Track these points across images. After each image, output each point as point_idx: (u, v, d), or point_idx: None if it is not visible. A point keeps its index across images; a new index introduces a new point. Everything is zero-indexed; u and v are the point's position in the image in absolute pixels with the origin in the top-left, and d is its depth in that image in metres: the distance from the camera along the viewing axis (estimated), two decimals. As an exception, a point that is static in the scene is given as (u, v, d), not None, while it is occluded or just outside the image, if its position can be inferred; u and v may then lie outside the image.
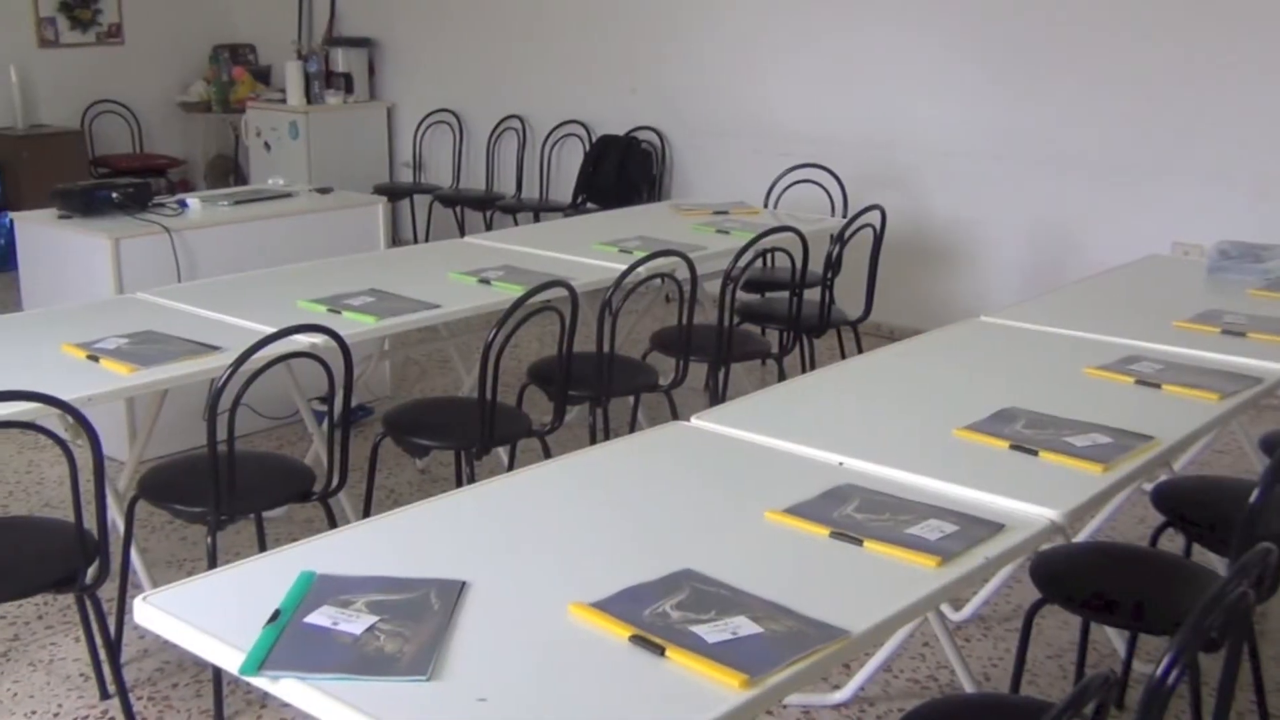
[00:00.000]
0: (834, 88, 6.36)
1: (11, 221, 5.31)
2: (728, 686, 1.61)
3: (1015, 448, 2.46)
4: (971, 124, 5.97)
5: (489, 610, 1.82)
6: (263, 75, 8.74)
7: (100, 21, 8.38)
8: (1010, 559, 2.07)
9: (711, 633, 1.73)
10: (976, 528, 2.10)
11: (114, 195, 4.57)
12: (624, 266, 3.94)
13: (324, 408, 4.39)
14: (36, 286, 4.67)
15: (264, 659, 1.66)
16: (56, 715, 3.01)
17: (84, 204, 4.55)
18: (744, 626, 1.75)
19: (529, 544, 2.06)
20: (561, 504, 2.24)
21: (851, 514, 2.15)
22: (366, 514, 3.68)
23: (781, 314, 4.72)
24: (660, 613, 1.79)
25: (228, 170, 8.71)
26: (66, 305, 3.93)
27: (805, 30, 6.41)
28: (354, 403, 3.38)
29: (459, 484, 3.97)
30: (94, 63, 8.37)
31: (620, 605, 1.80)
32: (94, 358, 3.05)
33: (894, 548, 2.01)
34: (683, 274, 4.11)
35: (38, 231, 4.63)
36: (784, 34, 6.49)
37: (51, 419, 2.64)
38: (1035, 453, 2.44)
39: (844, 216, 5.43)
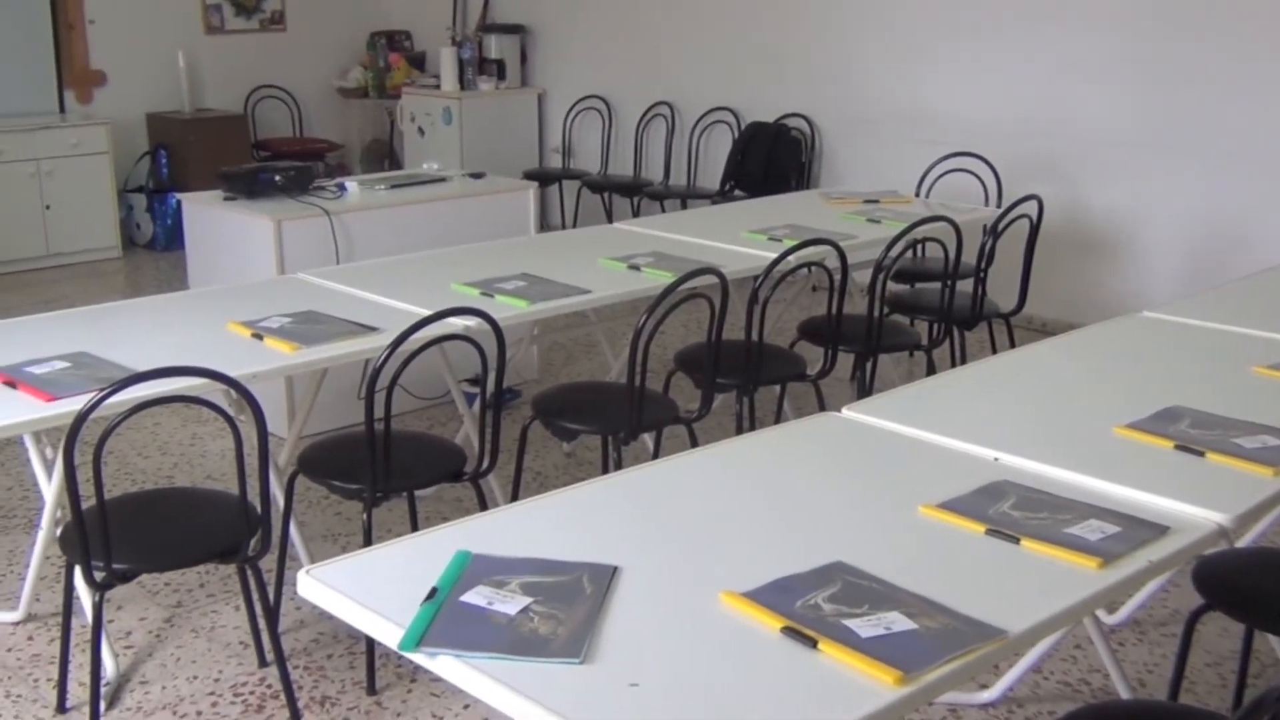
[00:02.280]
0: (988, 74, 6.23)
1: (179, 202, 5.50)
2: (881, 683, 1.60)
3: (1180, 448, 2.39)
4: (1131, 112, 5.79)
5: (640, 596, 1.83)
6: (418, 62, 8.89)
7: (264, 9, 8.63)
8: (1175, 563, 2.01)
9: (865, 627, 1.71)
10: (1139, 529, 2.04)
11: (277, 178, 4.70)
12: (773, 255, 3.92)
13: (474, 389, 4.47)
14: (202, 265, 4.84)
15: (422, 636, 1.69)
16: (217, 681, 3.12)
17: (248, 186, 4.69)
18: (898, 622, 1.73)
19: (679, 531, 2.07)
20: (712, 492, 2.24)
21: (1008, 511, 2.11)
22: (515, 496, 3.73)
23: (932, 305, 4.64)
24: (812, 605, 1.78)
25: (383, 155, 8.90)
26: (232, 285, 4.06)
27: (959, 15, 6.29)
28: (504, 385, 3.42)
29: (605, 469, 3.99)
30: (257, 49, 8.62)
31: (772, 596, 1.80)
32: (258, 336, 3.14)
33: (1053, 547, 1.96)
34: (832, 263, 4.07)
35: (204, 212, 4.79)
36: (937, 19, 6.38)
37: (216, 394, 2.73)
38: (1201, 454, 2.36)
39: (998, 206, 5.32)
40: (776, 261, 3.80)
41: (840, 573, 1.88)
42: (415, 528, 3.53)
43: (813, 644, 1.67)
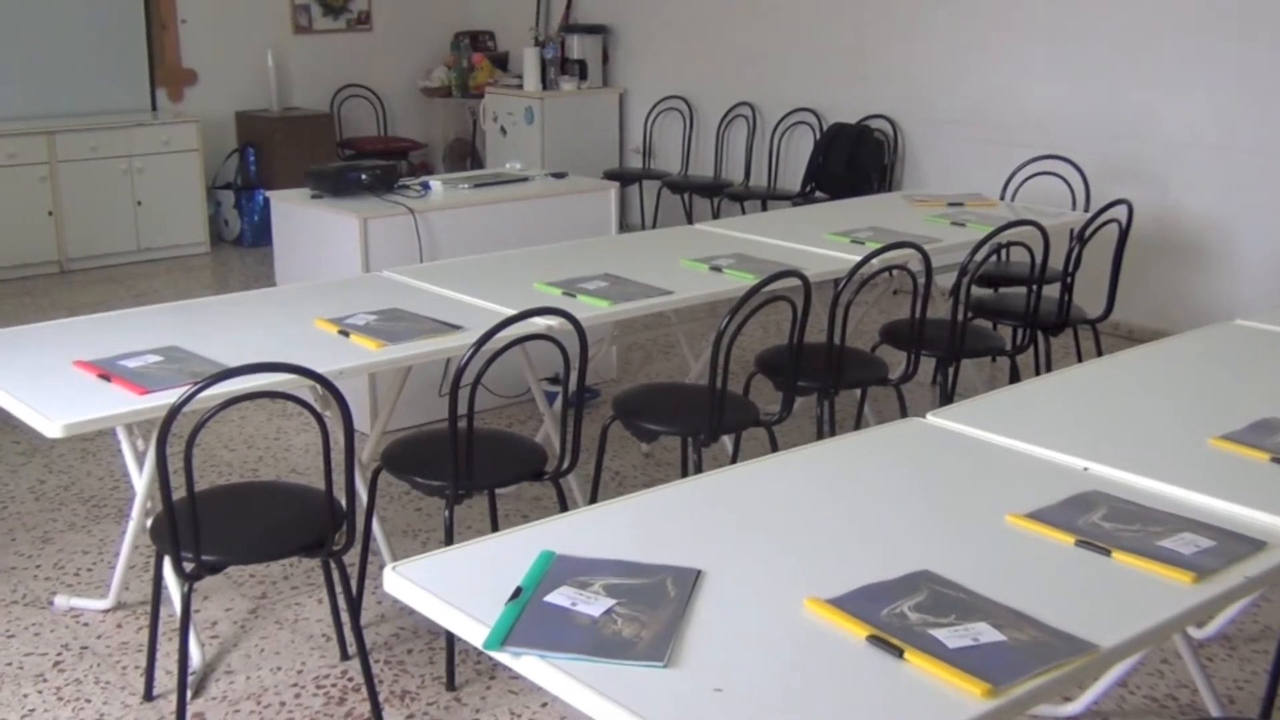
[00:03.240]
0: (1075, 76, 6.13)
1: (266, 199, 5.58)
2: (969, 695, 1.58)
3: (1277, 460, 2.33)
4: (1222, 116, 5.67)
5: (724, 600, 1.82)
6: (501, 62, 8.95)
7: (351, 9, 8.73)
8: (1272, 580, 1.96)
9: (952, 638, 1.69)
10: (1235, 544, 1.99)
11: (363, 177, 4.75)
12: (856, 257, 3.89)
13: (554, 388, 4.49)
14: (289, 261, 4.90)
15: (506, 635, 1.70)
16: (300, 672, 3.16)
17: (335, 184, 4.74)
18: (986, 633, 1.71)
19: (763, 536, 2.06)
20: (795, 497, 2.22)
21: (1098, 522, 2.07)
22: (595, 495, 3.74)
23: (1016, 310, 4.58)
24: (898, 613, 1.76)
25: (465, 154, 8.97)
26: (318, 281, 4.11)
27: (1046, 15, 6.20)
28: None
29: (684, 470, 4.00)
30: (343, 49, 8.73)
31: (857, 603, 1.78)
32: (344, 333, 3.18)
33: (1145, 560, 1.93)
34: (915, 266, 4.03)
35: (292, 210, 4.85)
36: (1023, 19, 6.29)
37: (303, 390, 2.77)
38: (1299, 467, 2.30)
39: (1085, 210, 5.24)
40: (860, 264, 3.77)
41: (926, 581, 1.87)
42: (495, 525, 3.56)
43: (899, 653, 1.66)
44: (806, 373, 3.72)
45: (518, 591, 1.81)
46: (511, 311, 3.11)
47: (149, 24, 7.89)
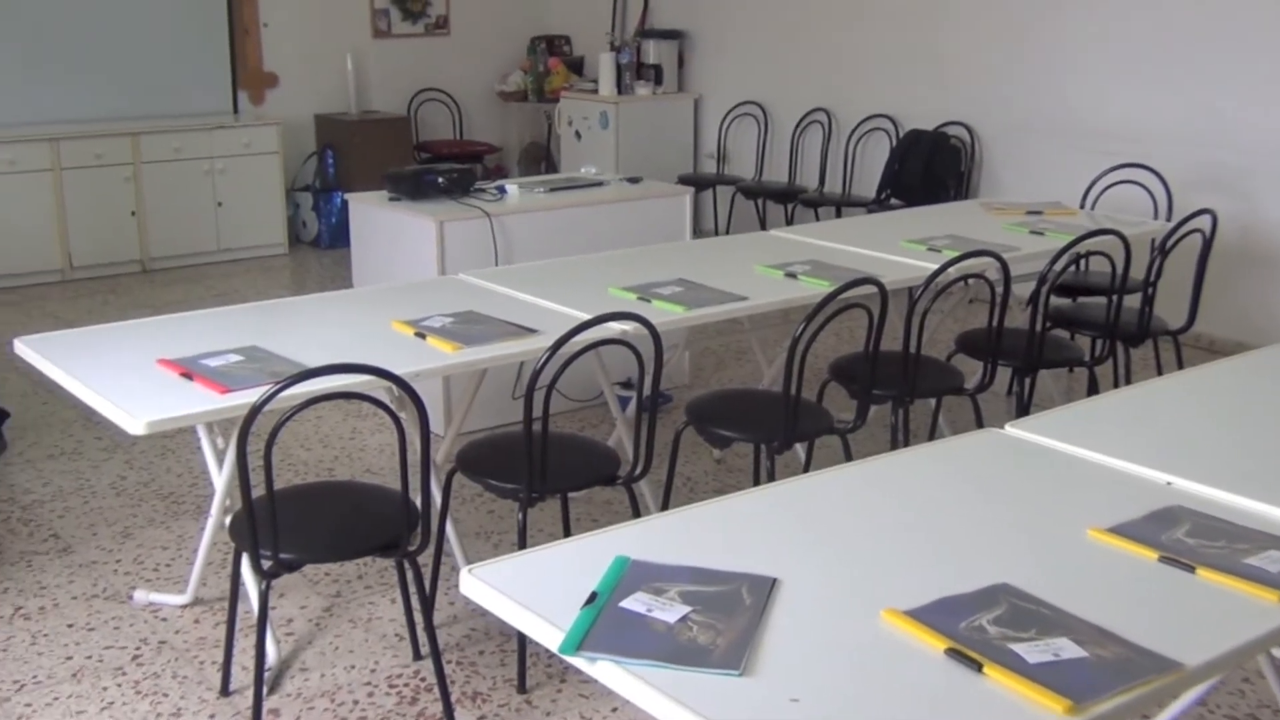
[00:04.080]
0: (1159, 83, 6.04)
1: (344, 201, 5.64)
2: (1050, 711, 1.55)
3: (1368, 479, 2.28)
4: (1316, 125, 5.55)
5: (800, 609, 1.81)
6: (576, 66, 8.99)
7: (429, 14, 8.82)
8: (1362, 600, 1.91)
9: (1032, 652, 1.67)
10: (1324, 563, 1.95)
11: (440, 180, 4.79)
12: (933, 265, 3.86)
13: (626, 393, 4.50)
14: (366, 263, 4.96)
15: (582, 640, 1.70)
16: (373, 671, 3.19)
17: (412, 187, 4.79)
18: (1067, 649, 1.68)
19: (838, 545, 2.04)
20: (871, 506, 2.21)
21: (1182, 538, 2.04)
22: (667, 501, 3.74)
23: (1095, 320, 4.52)
24: (977, 627, 1.74)
25: (539, 157, 9.02)
26: (394, 283, 4.15)
27: (1127, 23, 6.11)
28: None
29: (756, 476, 3.98)
30: (421, 53, 8.81)
31: (935, 616, 1.76)
32: (421, 335, 3.21)
33: (1231, 578, 1.89)
34: (992, 275, 3.99)
35: (370, 212, 4.91)
36: (1106, 25, 6.20)
37: (380, 391, 2.79)
38: (1391, 486, 2.24)
39: (1168, 220, 5.15)
40: (938, 272, 3.73)
41: (1005, 595, 1.84)
42: (567, 529, 3.58)
43: (978, 667, 1.64)
44: (881, 381, 3.69)
45: (593, 596, 1.81)
46: (587, 316, 3.12)
47: (232, 28, 8.02)
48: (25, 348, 3.13)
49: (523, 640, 3.14)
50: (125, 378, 2.88)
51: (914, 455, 2.51)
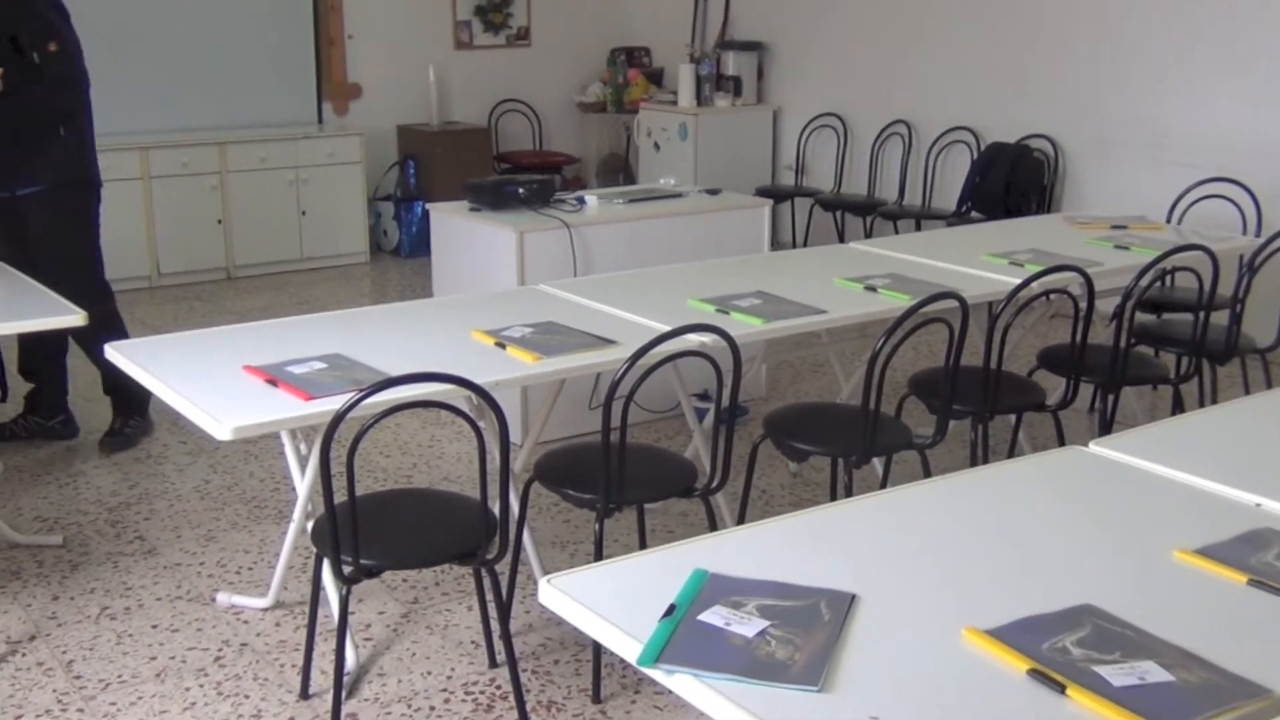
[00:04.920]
0: (1248, 96, 5.92)
1: (425, 211, 5.70)
2: (1135, 735, 1.53)
3: None
4: None
5: (879, 626, 1.80)
6: (656, 77, 9.01)
7: (511, 25, 8.89)
8: None
9: (1117, 675, 1.64)
10: None
11: (520, 190, 4.83)
12: (1015, 280, 3.82)
13: (703, 404, 4.50)
14: (447, 272, 5.01)
15: (661, 652, 1.70)
16: (449, 678, 3.21)
17: (493, 198, 4.83)
18: (1153, 673, 1.65)
19: (919, 561, 2.03)
20: (951, 523, 2.19)
21: (1272, 561, 2.00)
22: (743, 514, 3.73)
23: (1181, 337, 4.44)
24: (1060, 648, 1.72)
25: (618, 168, 9.05)
26: (474, 293, 4.19)
27: (1217, 33, 6.00)
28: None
29: (833, 491, 3.96)
30: (502, 64, 8.89)
31: (1017, 636, 1.74)
32: (501, 345, 3.23)
33: (1323, 604, 1.85)
34: (1076, 290, 3.94)
35: (450, 222, 4.95)
36: (1193, 37, 6.10)
37: (459, 399, 2.82)
38: None
39: (1257, 235, 5.05)
40: (1021, 287, 3.69)
41: (1089, 616, 1.82)
42: (643, 540, 3.58)
43: (1061, 689, 1.61)
44: (961, 396, 3.66)
45: (671, 609, 1.81)
46: (665, 327, 3.12)
47: (318, 40, 8.15)
48: (116, 353, 3.20)
49: (598, 650, 3.15)
50: (212, 384, 2.93)
51: (996, 472, 2.48)
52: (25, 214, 4.52)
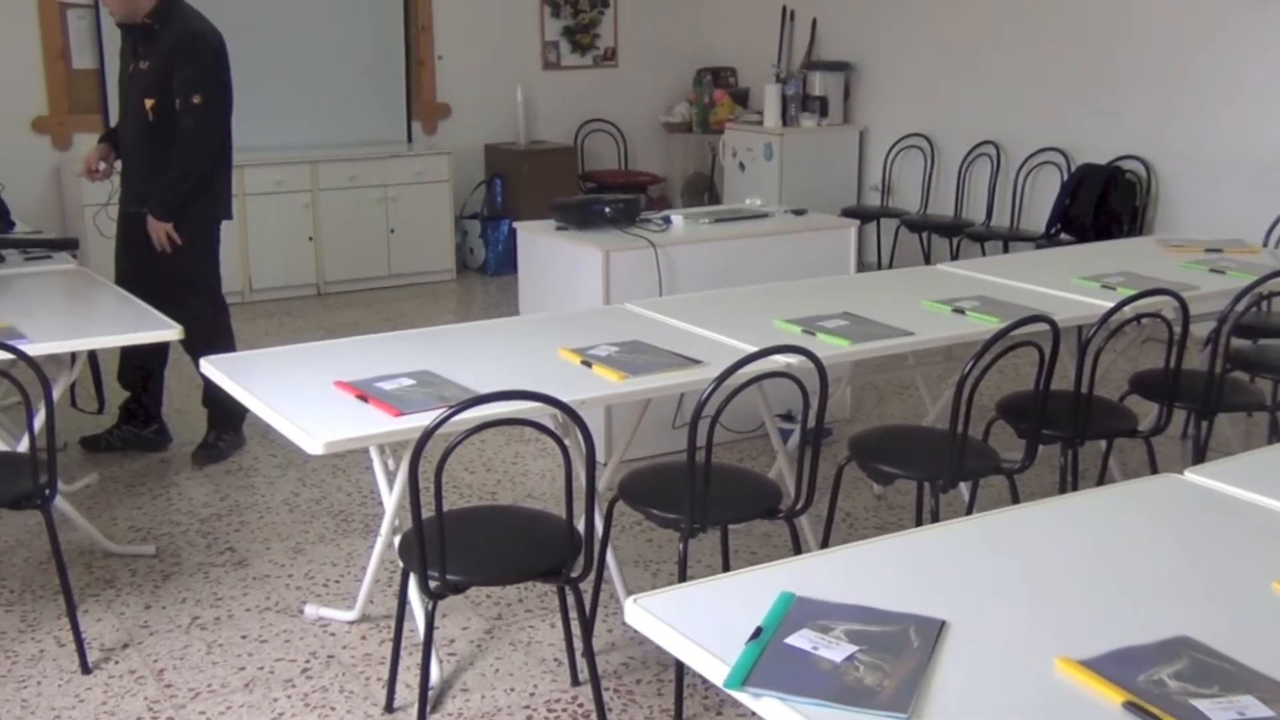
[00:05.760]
0: (1354, 118, 5.79)
1: (510, 229, 5.75)
2: (1235, 771, 1.50)
3: None
4: None
5: (969, 653, 1.78)
6: (741, 98, 9.02)
7: (598, 46, 8.96)
8: None
9: (1215, 710, 1.61)
10: None
11: (606, 210, 4.85)
12: (1106, 303, 3.76)
13: (787, 425, 4.48)
14: (533, 290, 5.04)
15: (748, 675, 1.70)
16: (532, 695, 3.23)
17: (579, 217, 4.86)
18: (1252, 708, 1.62)
19: (1009, 589, 2.00)
20: (1042, 550, 2.15)
21: (1378, 596, 1.94)
22: (827, 536, 3.71)
23: (1278, 363, 4.34)
24: (1156, 680, 1.68)
25: (703, 188, 9.06)
26: (560, 311, 4.22)
27: (1324, 55, 5.88)
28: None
29: (918, 513, 3.93)
30: (589, 84, 8.95)
31: (1112, 667, 1.71)
32: (587, 363, 3.25)
33: None
34: (1169, 314, 3.87)
35: (537, 240, 4.99)
36: (1298, 59, 5.98)
37: (544, 417, 2.83)
38: None
39: (1359, 260, 4.93)
40: (1113, 310, 3.64)
41: (1186, 648, 1.78)
42: (726, 561, 3.57)
43: (1157, 722, 1.59)
44: (1051, 420, 3.61)
45: (758, 631, 1.81)
46: (752, 348, 3.12)
47: (409, 60, 8.27)
48: (211, 367, 3.26)
49: (680, 671, 3.14)
50: (304, 399, 2.98)
51: (1088, 499, 2.45)
52: (150, 230, 4.68)
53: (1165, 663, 1.73)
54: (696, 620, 1.88)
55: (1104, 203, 6.75)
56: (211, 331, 4.62)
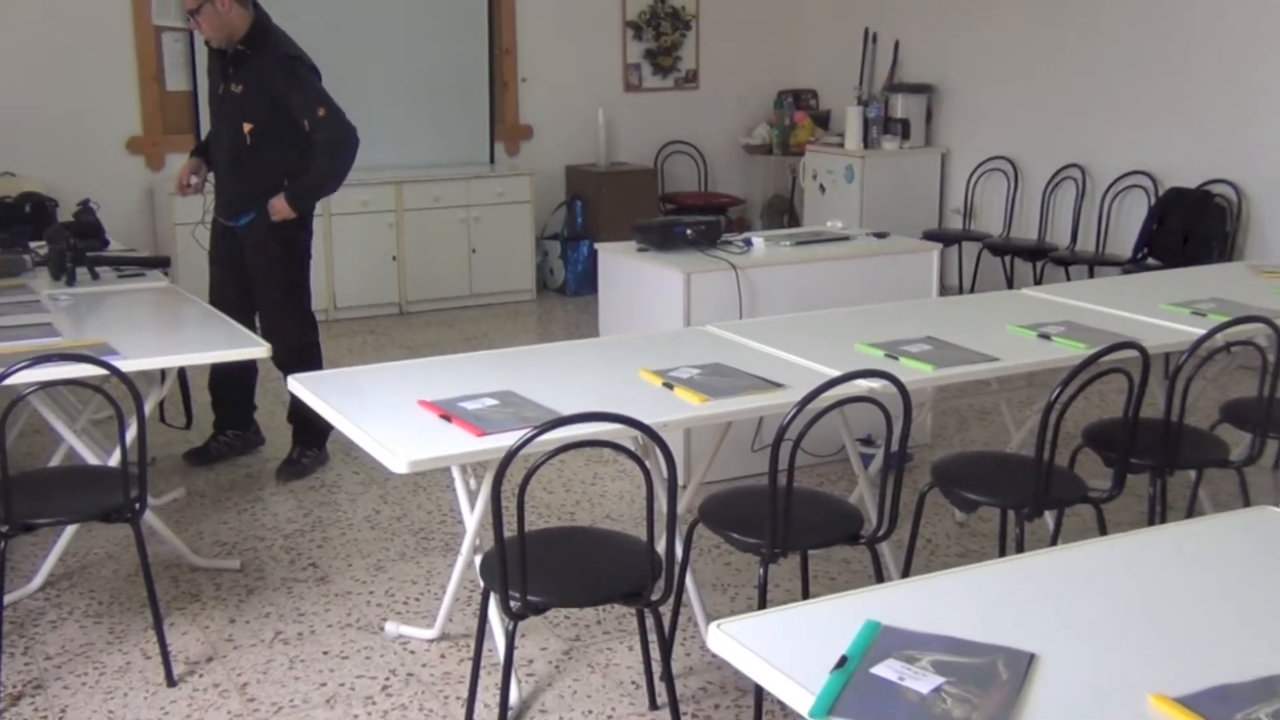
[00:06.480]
0: None
1: (591, 250, 5.78)
2: (1338, 816, 1.45)
3: None
4: None
5: (1060, 688, 1.75)
6: (822, 120, 8.99)
7: (679, 68, 8.98)
8: None
9: (1316, 751, 1.57)
10: None
11: (688, 232, 4.85)
12: (1197, 330, 3.69)
13: (867, 450, 4.44)
14: (613, 311, 5.06)
15: (833, 704, 1.68)
16: (610, 718, 3.22)
17: (660, 238, 4.87)
18: (1356, 750, 1.57)
19: (1099, 622, 1.96)
20: (1134, 584, 2.11)
21: None
22: (909, 563, 3.67)
23: (1378, 393, 4.22)
24: (1255, 719, 1.64)
25: (783, 210, 9.04)
26: (640, 333, 4.22)
27: None
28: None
29: (1001, 541, 3.87)
30: (670, 106, 8.98)
31: (1208, 704, 1.67)
32: (669, 385, 3.25)
33: None
34: (1262, 341, 3.78)
35: (618, 261, 5.01)
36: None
37: (624, 439, 2.83)
38: None
39: None
40: (1205, 338, 3.57)
41: (1285, 687, 1.74)
42: (806, 586, 3.54)
43: (1255, 763, 1.55)
44: (1139, 449, 3.54)
45: (843, 660, 1.79)
46: (834, 372, 3.10)
47: (492, 83, 8.35)
48: (299, 385, 3.31)
49: (759, 696, 3.12)
50: (388, 417, 3.01)
51: (1180, 531, 2.40)
52: (243, 244, 4.78)
53: (1264, 701, 1.69)
54: (780, 647, 1.87)
55: (1193, 227, 6.63)
56: (304, 346, 4.75)
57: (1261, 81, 6.41)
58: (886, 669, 1.77)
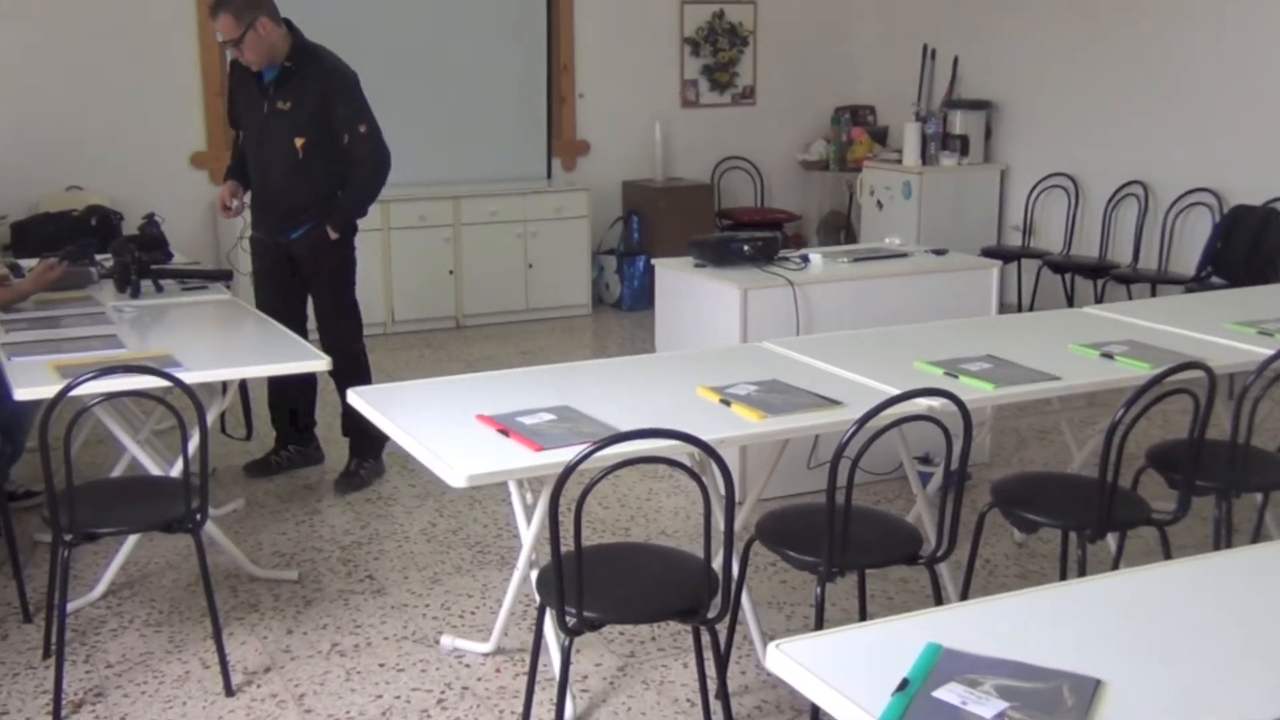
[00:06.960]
0: None
1: (647, 265, 5.78)
2: None
3: None
4: None
5: (1127, 715, 1.72)
6: (880, 136, 8.95)
7: (736, 84, 8.98)
8: None
9: (1393, 785, 1.53)
10: None
11: (745, 248, 4.84)
12: (1264, 350, 3.63)
13: (925, 469, 4.41)
14: (669, 327, 5.05)
15: (894, 727, 1.66)
16: (665, 734, 3.21)
17: (717, 254, 4.86)
18: None
19: (1166, 649, 1.93)
20: (1202, 610, 2.07)
21: None
22: (968, 584, 3.63)
23: None
24: (1327, 750, 1.61)
25: (840, 226, 9.01)
26: (697, 348, 4.21)
27: None
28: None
29: (1063, 564, 3.82)
30: (727, 122, 8.98)
31: (1279, 734, 1.64)
32: (726, 402, 3.24)
33: None
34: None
35: (675, 277, 5.01)
36: None
37: (682, 455, 2.83)
38: None
39: None
40: (1273, 358, 3.51)
41: (1359, 717, 1.70)
42: (863, 606, 3.52)
43: (1329, 795, 1.51)
44: (1203, 471, 3.49)
45: (904, 683, 1.77)
46: (892, 390, 3.08)
47: (550, 98, 8.39)
48: (358, 399, 3.33)
49: (815, 716, 3.10)
50: (446, 431, 3.02)
51: (1245, 557, 2.35)
52: (296, 256, 4.84)
53: (1337, 732, 1.65)
54: (839, 668, 1.85)
55: (1258, 245, 6.53)
56: (354, 354, 4.82)
57: (1330, 98, 6.31)
58: (949, 693, 1.75)
